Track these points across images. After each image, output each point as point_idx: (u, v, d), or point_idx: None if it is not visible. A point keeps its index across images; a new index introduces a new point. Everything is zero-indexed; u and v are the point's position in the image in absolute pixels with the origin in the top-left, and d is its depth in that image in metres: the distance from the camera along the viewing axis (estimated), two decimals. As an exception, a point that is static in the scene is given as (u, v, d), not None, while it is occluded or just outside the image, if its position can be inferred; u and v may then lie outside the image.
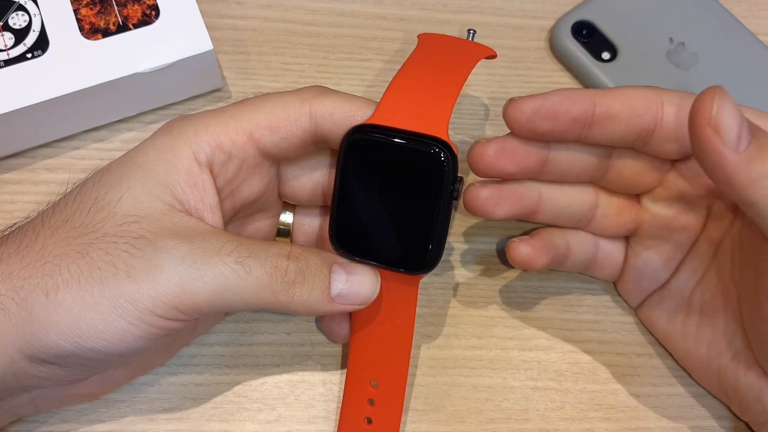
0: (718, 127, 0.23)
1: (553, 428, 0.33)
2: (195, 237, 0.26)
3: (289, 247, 0.27)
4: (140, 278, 0.24)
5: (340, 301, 0.27)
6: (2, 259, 0.25)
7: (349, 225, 0.28)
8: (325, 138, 0.28)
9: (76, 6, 0.35)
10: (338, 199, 0.28)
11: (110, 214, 0.26)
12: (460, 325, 0.34)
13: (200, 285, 0.25)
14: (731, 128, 0.23)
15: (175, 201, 0.27)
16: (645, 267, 0.33)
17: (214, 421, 0.32)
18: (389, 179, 0.27)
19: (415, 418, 0.33)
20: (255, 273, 0.25)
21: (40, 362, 0.25)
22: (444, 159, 0.26)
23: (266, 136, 0.28)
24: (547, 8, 0.42)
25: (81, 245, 0.25)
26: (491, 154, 0.29)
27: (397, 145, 0.26)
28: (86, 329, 0.24)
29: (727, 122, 0.23)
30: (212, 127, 0.27)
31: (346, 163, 0.27)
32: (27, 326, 0.24)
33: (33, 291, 0.25)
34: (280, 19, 0.40)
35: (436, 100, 0.27)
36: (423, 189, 0.26)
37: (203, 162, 0.27)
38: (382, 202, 0.27)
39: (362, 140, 0.27)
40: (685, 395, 0.34)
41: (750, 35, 0.40)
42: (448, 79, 0.28)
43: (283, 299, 0.26)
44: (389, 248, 0.27)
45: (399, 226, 0.27)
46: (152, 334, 0.25)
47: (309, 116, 0.28)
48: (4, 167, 0.36)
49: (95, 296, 0.24)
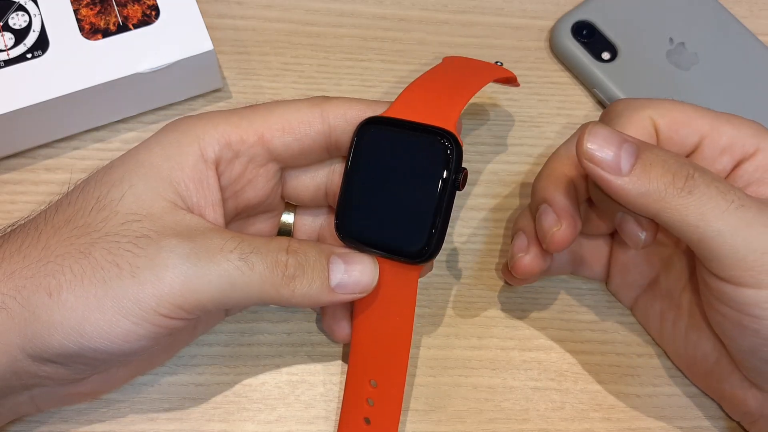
0: (592, 158, 0.25)
1: (553, 428, 0.33)
2: (197, 235, 0.26)
3: (287, 241, 0.27)
4: (144, 278, 0.25)
5: (340, 291, 0.27)
6: (4, 258, 0.25)
7: (353, 212, 0.28)
8: (338, 141, 0.29)
9: (76, 6, 0.35)
10: (345, 185, 0.28)
11: (112, 213, 0.26)
12: (460, 325, 0.34)
13: (204, 283, 0.25)
14: (606, 157, 0.25)
15: (178, 198, 0.27)
16: (629, 262, 0.33)
17: (214, 421, 0.32)
18: (395, 168, 0.27)
19: (415, 418, 0.33)
20: (258, 269, 0.26)
21: (43, 361, 0.25)
22: (449, 148, 0.26)
23: (278, 137, 0.28)
24: (547, 8, 0.42)
25: (84, 245, 0.25)
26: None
27: (404, 134, 0.27)
28: (90, 329, 0.24)
29: (600, 153, 0.25)
30: (222, 125, 0.28)
31: (355, 150, 0.28)
32: (30, 326, 0.24)
33: (36, 291, 0.25)
34: (280, 19, 0.40)
35: (448, 99, 0.28)
36: (427, 178, 0.27)
37: (210, 159, 0.27)
38: (386, 190, 0.28)
39: (373, 129, 0.28)
40: (685, 395, 0.34)
41: (750, 35, 0.40)
42: (462, 85, 0.29)
43: (285, 293, 0.26)
44: (391, 236, 0.28)
45: (401, 214, 0.27)
46: (156, 332, 0.25)
47: (322, 119, 0.28)
48: (4, 167, 0.36)
49: (99, 296, 0.24)
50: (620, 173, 0.25)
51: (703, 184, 0.25)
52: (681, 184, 0.25)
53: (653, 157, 0.25)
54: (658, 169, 0.25)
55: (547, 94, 0.40)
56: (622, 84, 0.39)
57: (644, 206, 0.26)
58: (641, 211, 0.26)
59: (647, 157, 0.25)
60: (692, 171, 0.25)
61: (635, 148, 0.26)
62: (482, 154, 0.38)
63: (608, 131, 0.26)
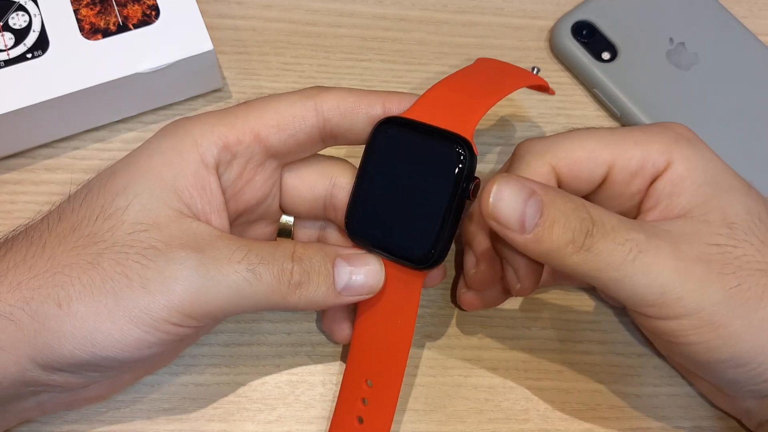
0: (497, 218, 0.26)
1: (553, 428, 0.33)
2: (205, 245, 0.26)
3: (293, 247, 0.27)
4: (155, 289, 0.25)
5: (347, 294, 0.28)
6: (9, 269, 0.25)
7: (364, 211, 0.28)
8: (333, 132, 0.29)
9: (76, 6, 0.35)
10: (357, 184, 0.28)
11: (118, 223, 0.26)
12: (460, 325, 0.34)
13: (213, 294, 0.25)
14: (511, 217, 0.25)
15: (183, 206, 0.27)
16: None
17: (214, 421, 0.32)
18: (408, 171, 0.27)
19: (415, 418, 0.33)
20: (265, 279, 0.26)
21: (53, 371, 0.25)
22: (462, 156, 0.26)
23: (273, 134, 0.28)
24: (547, 8, 0.42)
25: (91, 255, 0.25)
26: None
27: (420, 138, 0.27)
28: (101, 339, 0.25)
29: (504, 213, 0.26)
30: (218, 128, 0.28)
31: (370, 150, 0.28)
32: (40, 337, 0.25)
33: (44, 302, 0.25)
34: (280, 19, 0.40)
35: (470, 104, 0.28)
36: (438, 184, 0.27)
37: (210, 164, 0.27)
38: (397, 192, 0.28)
39: (389, 130, 0.28)
40: (685, 395, 0.34)
41: (750, 35, 0.40)
42: (487, 90, 0.29)
43: (292, 300, 0.27)
44: (397, 239, 0.28)
45: (410, 218, 0.27)
46: (166, 339, 0.26)
47: (315, 112, 0.28)
48: (4, 167, 0.36)
49: (110, 306, 0.25)
50: (524, 232, 0.26)
51: (601, 240, 0.25)
52: (580, 242, 0.25)
53: (556, 214, 0.26)
54: (559, 229, 0.25)
55: (546, 94, 0.40)
56: (622, 84, 0.39)
57: (546, 260, 0.27)
58: (544, 262, 0.28)
59: (549, 214, 0.25)
60: (591, 227, 0.26)
61: (539, 204, 0.26)
62: (482, 154, 0.38)
63: (513, 189, 0.26)
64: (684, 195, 0.28)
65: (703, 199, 0.27)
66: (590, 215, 0.26)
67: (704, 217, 0.27)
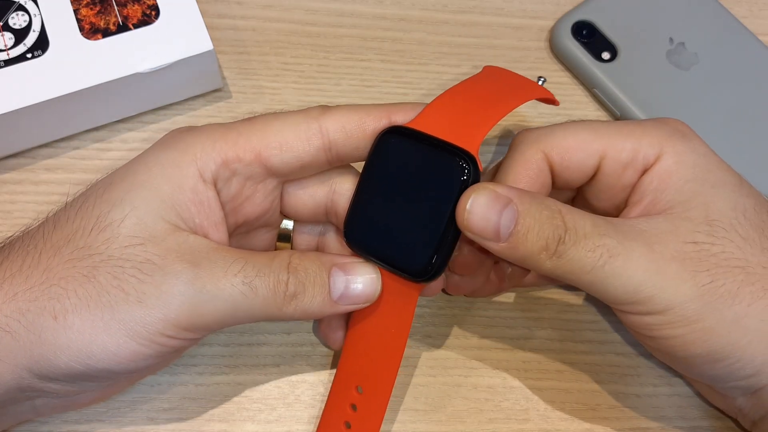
0: (472, 228, 0.26)
1: (553, 428, 0.33)
2: (201, 258, 0.26)
3: (288, 257, 0.27)
4: (151, 303, 0.25)
5: (343, 303, 0.28)
6: (6, 279, 0.25)
7: (363, 220, 0.28)
8: (339, 154, 0.28)
9: (76, 6, 0.35)
10: (358, 192, 0.28)
11: (114, 236, 0.26)
12: (460, 325, 0.34)
13: (210, 307, 0.26)
14: (486, 228, 0.26)
15: (180, 220, 0.27)
16: None
17: (214, 421, 0.32)
18: (410, 182, 0.27)
19: (415, 418, 0.33)
20: (261, 292, 0.26)
21: (49, 380, 0.26)
22: (466, 171, 0.26)
23: (276, 155, 0.28)
24: (547, 8, 0.42)
25: (86, 268, 0.25)
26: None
27: (424, 150, 0.27)
28: (97, 351, 0.25)
29: (478, 225, 0.26)
30: (219, 143, 0.27)
31: (372, 159, 0.28)
32: (36, 348, 0.25)
33: (40, 314, 0.25)
34: (280, 19, 0.40)
35: (476, 117, 0.27)
36: (440, 197, 0.26)
37: (208, 179, 0.27)
38: (398, 204, 0.27)
39: (393, 140, 0.27)
40: (685, 395, 0.34)
41: (750, 35, 0.40)
42: (495, 102, 0.28)
43: (288, 311, 0.27)
44: (396, 251, 0.27)
45: (410, 230, 0.27)
46: (161, 352, 0.26)
47: (320, 133, 0.28)
48: (4, 167, 0.36)
49: (106, 320, 0.25)
50: (499, 240, 0.26)
51: (573, 248, 0.26)
52: (552, 249, 0.26)
53: (530, 222, 0.26)
54: (533, 237, 0.26)
55: (547, 94, 0.40)
56: (622, 84, 0.39)
57: (522, 264, 0.27)
58: (521, 266, 0.29)
59: (524, 223, 0.26)
60: (563, 234, 0.26)
61: (515, 213, 0.26)
62: (482, 154, 0.38)
63: (487, 200, 0.26)
64: (668, 191, 0.28)
65: (687, 195, 0.28)
66: (564, 222, 0.26)
67: (686, 214, 0.27)
